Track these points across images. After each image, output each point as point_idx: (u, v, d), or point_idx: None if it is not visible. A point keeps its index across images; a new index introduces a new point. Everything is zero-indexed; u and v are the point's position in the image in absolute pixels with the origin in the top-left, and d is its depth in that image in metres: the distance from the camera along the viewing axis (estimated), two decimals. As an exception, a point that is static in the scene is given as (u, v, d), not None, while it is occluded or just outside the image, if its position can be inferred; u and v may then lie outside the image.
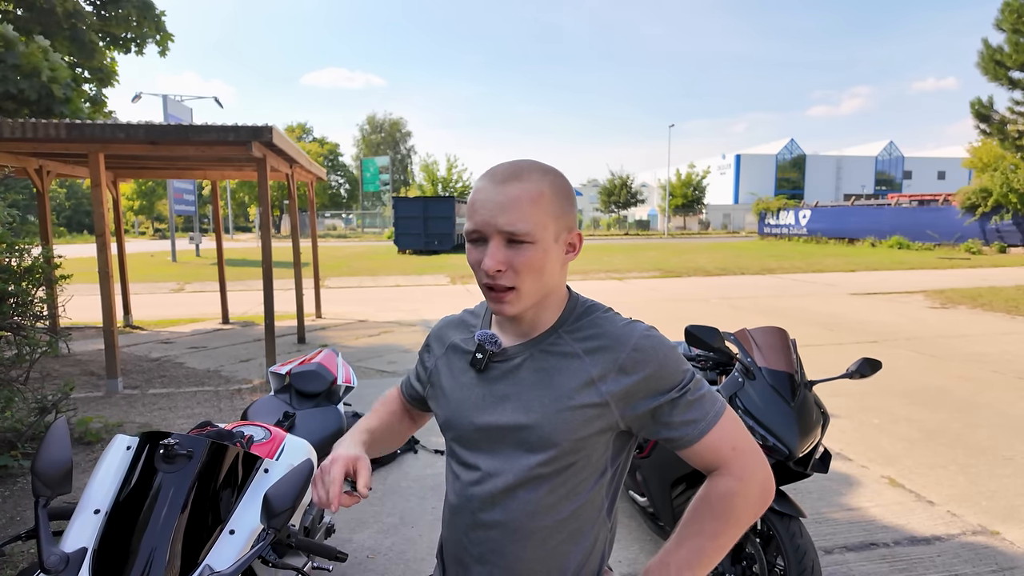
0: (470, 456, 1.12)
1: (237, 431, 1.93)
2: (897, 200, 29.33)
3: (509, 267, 1.01)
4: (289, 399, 2.67)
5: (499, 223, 0.99)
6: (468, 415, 1.11)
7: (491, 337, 1.11)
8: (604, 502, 1.11)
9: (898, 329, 8.44)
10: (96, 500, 1.44)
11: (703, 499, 1.05)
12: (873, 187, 60.01)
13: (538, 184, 1.03)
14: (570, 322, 1.10)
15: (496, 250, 1.01)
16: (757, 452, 1.06)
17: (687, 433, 1.04)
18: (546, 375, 1.06)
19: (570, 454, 1.04)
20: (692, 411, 1.03)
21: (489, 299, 1.05)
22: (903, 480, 3.79)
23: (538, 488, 1.05)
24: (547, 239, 1.02)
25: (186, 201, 23.66)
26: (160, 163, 8.09)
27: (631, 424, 1.06)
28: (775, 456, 2.22)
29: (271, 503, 1.36)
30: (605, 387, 1.03)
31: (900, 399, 5.37)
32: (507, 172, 1.03)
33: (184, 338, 8.49)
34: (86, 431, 4.47)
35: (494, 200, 1.01)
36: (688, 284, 14.23)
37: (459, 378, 1.15)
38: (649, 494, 2.85)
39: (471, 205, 1.04)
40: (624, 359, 1.03)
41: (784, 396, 2.31)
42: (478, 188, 1.04)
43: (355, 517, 3.39)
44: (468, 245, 1.06)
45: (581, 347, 1.06)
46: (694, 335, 2.40)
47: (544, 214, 1.02)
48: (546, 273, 1.04)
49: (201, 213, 44.78)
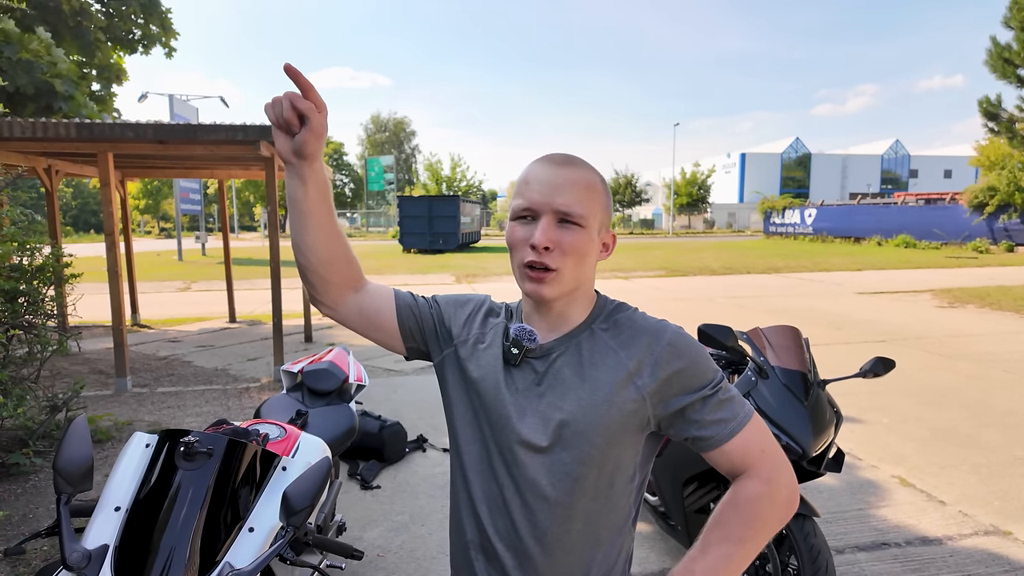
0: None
1: (253, 429, 1.94)
2: (903, 199, 29.21)
3: (557, 247, 1.01)
4: (301, 397, 2.68)
5: (556, 202, 1.01)
6: (504, 411, 1.07)
7: (529, 333, 1.08)
8: (631, 510, 1.10)
9: (906, 328, 8.41)
10: (117, 497, 1.45)
11: (730, 503, 1.03)
12: (879, 186, 59.75)
13: (592, 174, 1.06)
14: (602, 318, 1.10)
15: (548, 227, 1.01)
16: (784, 457, 1.06)
17: (717, 432, 1.03)
18: (582, 369, 1.05)
19: (604, 453, 1.03)
20: (723, 411, 1.03)
21: (527, 279, 1.03)
22: (914, 480, 3.78)
23: (572, 490, 1.03)
24: (593, 228, 1.04)
25: (192, 200, 23.74)
26: (167, 162, 8.11)
27: (661, 422, 1.05)
28: (789, 455, 2.22)
29: (290, 501, 1.37)
30: (641, 381, 1.02)
31: (910, 398, 5.35)
32: (564, 157, 1.06)
33: (191, 337, 8.52)
34: (96, 429, 4.49)
35: (552, 180, 1.02)
36: (694, 283, 14.20)
37: (489, 370, 1.11)
38: (660, 492, 2.85)
39: (524, 183, 1.04)
40: (659, 353, 1.03)
41: (797, 395, 2.31)
42: (533, 168, 1.05)
43: (364, 515, 3.40)
44: (512, 224, 1.04)
45: (616, 342, 1.06)
46: (707, 334, 2.39)
47: (595, 203, 1.04)
48: (586, 262, 1.05)
49: (207, 212, 44.94)
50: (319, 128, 0.99)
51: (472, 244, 31.12)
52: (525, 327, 1.09)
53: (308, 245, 1.07)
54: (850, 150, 65.97)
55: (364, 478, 3.81)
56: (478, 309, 1.19)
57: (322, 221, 1.06)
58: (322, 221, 1.06)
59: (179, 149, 5.85)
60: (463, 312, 1.19)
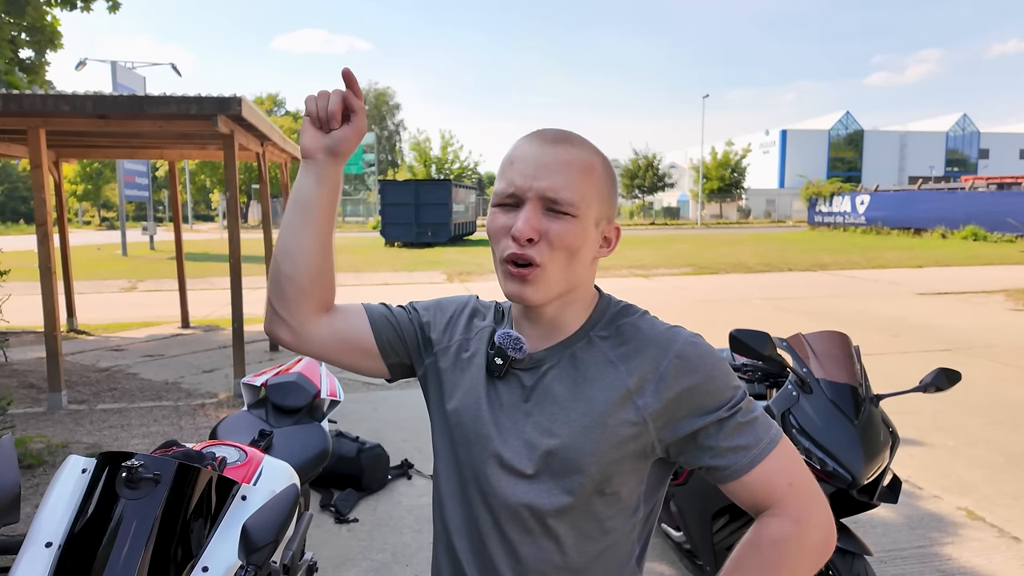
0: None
1: (208, 452, 1.94)
2: (972, 183, 29.20)
3: (542, 238, 1.00)
4: (265, 415, 2.68)
5: (542, 186, 0.99)
6: (483, 431, 1.09)
7: (515, 340, 1.07)
8: (635, 547, 1.09)
9: (974, 335, 8.40)
10: (47, 532, 1.45)
11: (752, 545, 1.01)
12: (943, 168, 59.77)
13: (590, 155, 1.03)
14: (602, 324, 1.09)
15: (532, 215, 0.99)
16: (818, 491, 1.04)
17: (736, 461, 1.00)
18: (575, 386, 1.05)
19: (598, 483, 1.02)
20: (743, 436, 1.00)
21: (508, 278, 1.02)
22: (983, 512, 3.78)
23: (559, 524, 1.03)
24: (589, 218, 1.02)
25: (139, 185, 23.78)
26: (110, 140, 8.12)
27: (670, 448, 1.04)
28: (836, 483, 2.22)
29: (251, 536, 1.37)
30: (642, 401, 1.01)
31: (978, 417, 5.35)
32: (558, 134, 1.03)
33: (138, 345, 8.53)
34: (26, 452, 4.50)
35: (539, 160, 1.00)
36: (726, 282, 14.21)
37: (471, 383, 1.12)
38: (685, 528, 2.85)
39: (508, 163, 1.03)
40: (666, 368, 1.01)
41: (846, 413, 2.30)
42: (520, 146, 1.03)
43: (340, 553, 3.40)
44: (494, 210, 1.04)
45: (616, 353, 1.05)
46: (740, 341, 2.39)
47: (592, 189, 1.02)
48: (578, 259, 1.03)
49: (156, 199, 45.03)
50: (362, 128, 1.10)
51: (466, 236, 31.17)
52: (511, 333, 1.08)
53: (303, 252, 1.11)
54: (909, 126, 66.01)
55: (339, 510, 3.81)
56: (461, 311, 1.20)
57: (326, 228, 1.12)
58: (326, 228, 1.12)
59: (123, 125, 5.85)
60: (443, 316, 1.20)
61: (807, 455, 2.25)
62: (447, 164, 43.45)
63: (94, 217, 61.37)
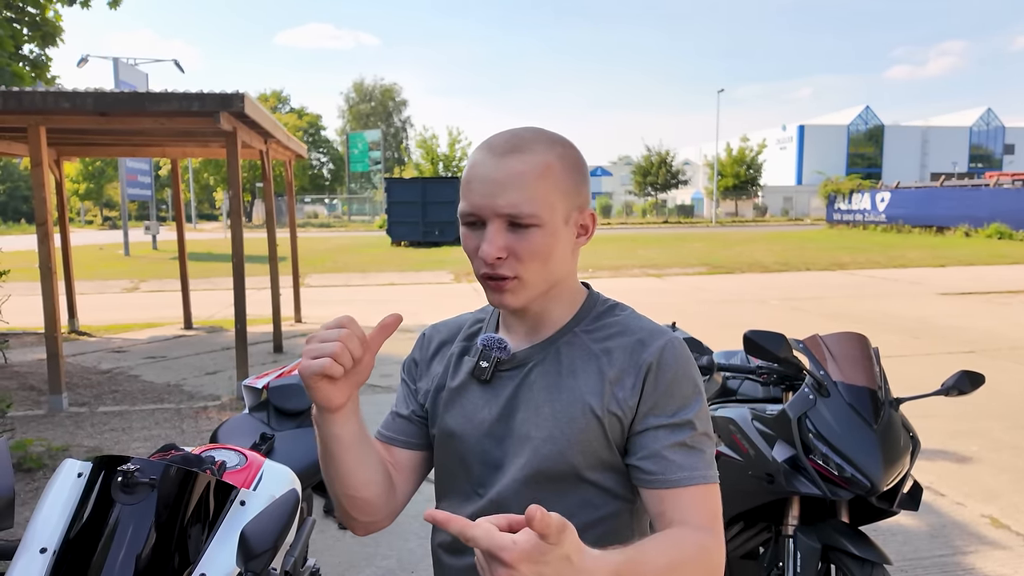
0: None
1: (207, 456, 1.94)
2: (997, 180, 28.96)
3: (511, 254, 1.02)
4: (267, 418, 2.69)
5: (499, 204, 1.00)
6: (474, 434, 1.14)
7: (498, 341, 1.12)
8: (632, 538, 1.10)
9: (999, 337, 8.34)
10: (42, 537, 1.45)
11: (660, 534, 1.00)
12: (967, 164, 59.33)
13: (544, 156, 1.03)
14: (589, 320, 1.13)
15: (496, 235, 1.01)
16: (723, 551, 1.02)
17: (663, 472, 1.01)
18: (560, 380, 1.09)
19: (587, 472, 1.06)
20: (684, 455, 1.02)
21: (488, 290, 1.06)
22: (1008, 520, 3.74)
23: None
24: (555, 221, 1.04)
25: (141, 184, 23.94)
26: (111, 138, 8.17)
27: (629, 441, 1.06)
28: (854, 489, 2.20)
29: (249, 542, 1.37)
30: (622, 393, 1.05)
31: (1003, 421, 5.31)
32: (507, 143, 1.03)
33: (139, 346, 8.58)
34: (25, 456, 4.53)
35: (492, 177, 1.01)
36: (741, 282, 14.17)
37: (461, 390, 1.16)
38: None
39: (466, 182, 1.04)
40: (644, 361, 1.05)
41: (865, 417, 2.28)
42: (473, 162, 1.05)
43: (343, 560, 3.41)
44: (463, 229, 1.06)
45: (599, 347, 1.09)
46: (755, 342, 2.38)
47: (552, 191, 1.03)
48: (554, 260, 1.05)
49: (158, 198, 45.30)
50: (367, 372, 1.03)
51: (475, 235, 31.15)
52: (493, 336, 1.13)
53: (366, 483, 1.12)
54: (931, 121, 65.57)
55: (343, 515, 3.81)
56: (456, 332, 1.23)
57: (363, 453, 1.10)
58: (363, 453, 1.10)
59: (125, 122, 5.89)
60: (427, 352, 1.24)
61: (824, 460, 2.23)
62: (455, 162, 43.46)
63: (96, 216, 61.82)
